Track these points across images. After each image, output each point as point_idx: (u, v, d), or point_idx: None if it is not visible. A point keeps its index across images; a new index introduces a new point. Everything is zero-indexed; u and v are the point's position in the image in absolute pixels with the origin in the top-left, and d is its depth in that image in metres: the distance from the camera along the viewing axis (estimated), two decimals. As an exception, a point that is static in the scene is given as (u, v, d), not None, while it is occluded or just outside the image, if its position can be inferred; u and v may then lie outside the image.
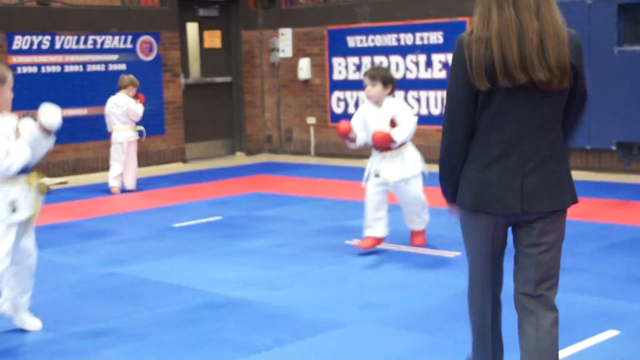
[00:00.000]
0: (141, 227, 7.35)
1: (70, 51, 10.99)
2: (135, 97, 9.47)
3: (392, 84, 5.90)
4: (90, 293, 5.20)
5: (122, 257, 6.07)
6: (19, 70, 10.49)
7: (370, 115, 5.95)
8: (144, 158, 11.49)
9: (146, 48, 11.74)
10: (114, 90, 10.98)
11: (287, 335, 4.32)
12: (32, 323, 4.57)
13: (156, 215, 7.91)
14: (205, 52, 12.75)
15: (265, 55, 13.01)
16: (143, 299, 5.08)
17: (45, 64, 10.77)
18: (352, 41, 11.89)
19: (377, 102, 5.90)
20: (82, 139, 10.99)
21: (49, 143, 4.35)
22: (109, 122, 9.47)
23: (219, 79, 12.85)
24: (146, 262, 5.99)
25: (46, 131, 4.28)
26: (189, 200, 8.79)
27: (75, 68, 11.05)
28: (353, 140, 5.92)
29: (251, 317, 4.65)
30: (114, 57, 11.42)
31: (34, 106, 10.54)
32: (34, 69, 10.67)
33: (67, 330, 4.55)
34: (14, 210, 4.23)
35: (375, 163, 6.01)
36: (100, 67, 11.30)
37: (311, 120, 12.50)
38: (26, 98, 10.39)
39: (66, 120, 10.88)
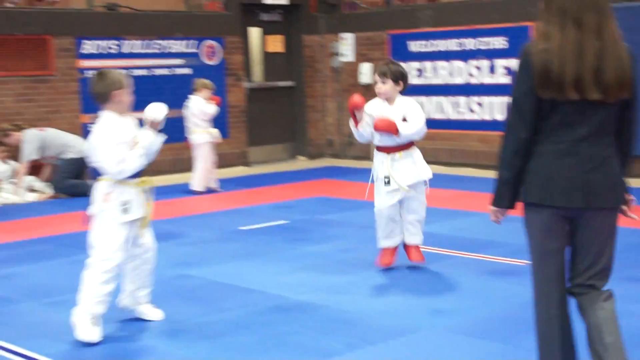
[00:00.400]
0: (208, 229, 7.45)
1: (137, 55, 11.19)
2: (210, 99, 9.61)
3: (403, 81, 5.55)
4: (163, 294, 5.27)
5: (192, 259, 6.16)
6: (86, 74, 10.71)
7: (381, 111, 5.57)
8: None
9: (210, 52, 11.89)
10: (179, 94, 11.16)
11: (358, 341, 4.34)
12: (154, 313, 4.76)
13: (222, 218, 8.01)
14: (267, 57, 12.85)
15: (327, 60, 13.06)
16: (213, 301, 5.15)
17: (113, 68, 10.96)
18: (414, 46, 11.87)
19: (389, 100, 5.57)
20: (148, 141, 11.16)
21: (159, 142, 4.58)
22: (186, 125, 9.65)
23: (281, 83, 12.94)
24: (215, 264, 6.07)
25: (153, 126, 4.58)
26: (253, 203, 8.87)
27: (142, 72, 11.24)
28: (358, 119, 5.47)
29: (321, 321, 4.68)
30: (179, 61, 11.59)
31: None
32: (103, 73, 10.87)
33: (139, 329, 4.63)
34: (125, 210, 4.43)
35: (382, 167, 5.58)
36: (165, 71, 11.47)
37: (373, 124, 12.48)
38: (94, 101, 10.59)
39: (132, 123, 11.08)
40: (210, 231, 7.36)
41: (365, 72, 12.38)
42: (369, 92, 12.51)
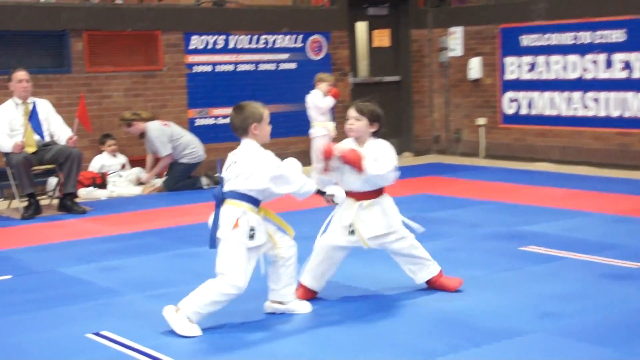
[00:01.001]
0: (308, 224, 7.44)
1: (243, 50, 11.36)
2: (328, 92, 9.64)
3: (379, 124, 5.10)
4: (262, 290, 5.32)
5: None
6: (194, 69, 10.94)
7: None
8: (309, 158, 11.65)
9: (316, 47, 11.95)
10: (284, 90, 11.29)
11: (462, 342, 4.27)
12: (303, 307, 4.86)
13: (326, 214, 7.99)
14: (374, 51, 12.82)
15: (435, 54, 12.93)
16: (315, 297, 5.15)
17: (220, 63, 11.18)
18: (526, 40, 11.61)
19: (359, 139, 5.06)
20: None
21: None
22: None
23: (387, 78, 12.90)
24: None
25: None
26: (356, 200, 8.85)
27: (248, 67, 11.40)
28: (329, 168, 5.02)
29: (424, 321, 4.63)
30: (285, 56, 11.69)
31: (209, 104, 11.04)
32: (209, 68, 11.10)
33: (238, 323, 4.68)
34: (252, 236, 4.54)
35: (348, 214, 4.99)
36: (271, 66, 11.60)
37: (481, 121, 12.31)
38: (201, 96, 10.86)
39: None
40: (311, 227, 7.35)
41: (475, 67, 12.20)
42: (477, 87, 12.35)
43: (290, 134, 11.59)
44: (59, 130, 8.81)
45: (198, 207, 8.56)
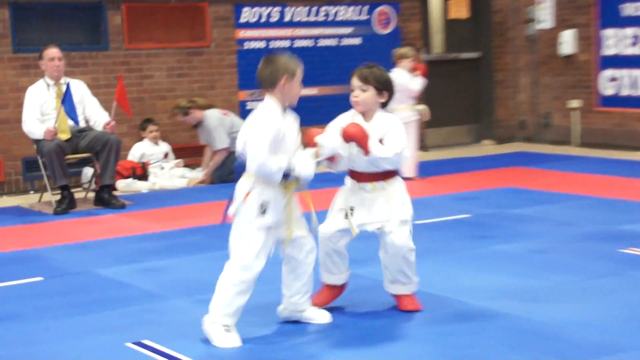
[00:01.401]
0: (377, 222, 7.45)
1: (301, 24, 11.38)
2: (414, 69, 9.59)
3: (388, 92, 4.92)
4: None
5: (360, 255, 6.18)
6: (246, 45, 11.01)
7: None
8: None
9: (383, 20, 11.92)
10: (345, 67, 11.16)
11: (553, 357, 4.21)
12: (321, 316, 4.86)
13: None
14: (449, 24, 12.74)
15: (520, 27, 12.79)
16: (382, 304, 5.14)
17: (274, 39, 11.22)
18: (630, 9, 11.40)
19: (365, 114, 4.91)
20: (312, 122, 11.31)
21: (310, 173, 4.61)
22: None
23: (464, 55, 12.81)
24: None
25: (315, 154, 4.63)
26: (431, 194, 8.83)
27: (306, 43, 11.43)
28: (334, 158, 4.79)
29: (508, 332, 4.58)
30: (348, 30, 11.69)
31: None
32: (262, 44, 11.15)
33: (294, 332, 4.70)
34: (263, 212, 4.51)
35: (348, 197, 4.94)
36: (332, 42, 11.61)
37: (574, 103, 12.14)
38: (253, 76, 10.85)
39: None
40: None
41: (567, 41, 12.05)
42: (570, 64, 12.17)
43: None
44: (95, 114, 8.94)
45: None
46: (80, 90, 8.94)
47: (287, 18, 11.30)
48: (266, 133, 4.44)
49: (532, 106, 12.84)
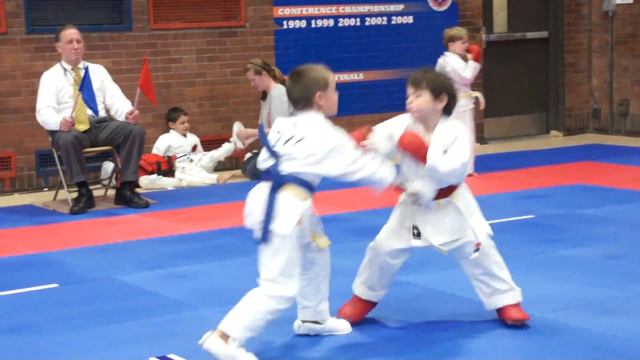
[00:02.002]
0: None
1: (346, 0, 11.39)
2: (466, 52, 9.59)
3: (449, 97, 4.85)
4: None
5: (411, 261, 6.21)
6: (284, 24, 11.04)
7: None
8: (432, 136, 11.64)
9: (439, -5, 11.90)
10: (395, 50, 11.27)
11: (627, 377, 4.21)
12: (342, 326, 4.94)
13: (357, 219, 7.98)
14: (514, 0, 12.67)
15: (596, 3, 12.70)
16: (434, 314, 5.16)
17: (316, 17, 11.24)
18: None
19: (425, 122, 4.85)
20: (357, 110, 11.36)
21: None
22: None
23: (530, 34, 12.76)
24: (438, 269, 6.07)
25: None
26: (489, 192, 8.80)
27: (351, 22, 11.44)
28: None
29: (578, 348, 4.57)
30: (399, 7, 11.69)
31: (301, 69, 11.09)
32: (303, 23, 11.18)
33: (335, 345, 4.73)
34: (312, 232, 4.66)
35: (409, 213, 4.94)
36: (381, 21, 11.62)
37: (656, 89, 12.05)
38: (293, 59, 10.93)
39: (339, 86, 11.29)
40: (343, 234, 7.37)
41: (647, 19, 11.92)
42: (651, 45, 12.07)
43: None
44: (116, 102, 9.02)
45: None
46: (100, 75, 9.02)
47: (330, -6, 11.33)
48: (343, 137, 4.57)
49: (608, 92, 12.74)
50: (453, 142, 4.76)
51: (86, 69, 8.67)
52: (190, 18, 10.72)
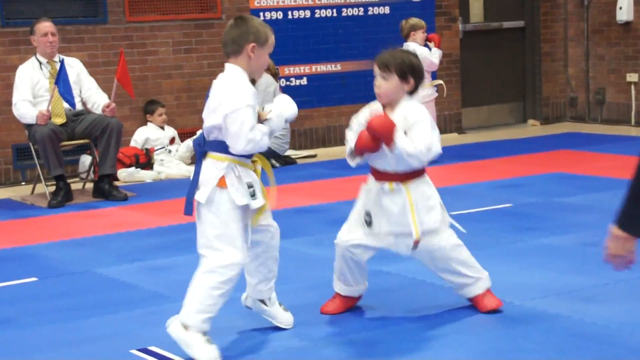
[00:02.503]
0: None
1: (322, -9, 11.38)
2: (427, 40, 9.67)
3: (415, 78, 4.81)
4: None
5: (389, 251, 6.24)
6: (261, 15, 11.02)
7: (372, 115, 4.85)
8: (410, 126, 11.68)
9: (415, -15, 11.91)
10: (372, 41, 11.27)
11: (606, 364, 4.24)
12: (284, 318, 4.87)
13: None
14: (490, -11, 12.72)
15: (571, -9, 12.74)
16: (413, 303, 5.18)
17: (293, 8, 11.23)
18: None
19: (389, 104, 4.83)
20: (335, 101, 11.35)
21: (281, 124, 4.63)
22: None
23: (507, 24, 12.79)
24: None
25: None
26: (467, 181, 8.84)
27: (328, 12, 11.43)
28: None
29: (557, 335, 4.60)
30: (375, -3, 11.68)
31: (279, 61, 11.10)
32: (279, 15, 11.17)
33: (317, 336, 4.74)
34: (253, 195, 4.48)
35: (367, 198, 4.91)
36: (357, 11, 11.61)
37: (633, 77, 12.10)
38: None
39: (316, 77, 11.41)
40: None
41: (625, 6, 11.97)
42: (628, 33, 12.11)
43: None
44: (93, 95, 9.00)
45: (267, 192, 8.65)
46: (76, 69, 8.99)
47: (306, -15, 11.32)
48: (247, 103, 4.35)
49: (584, 81, 12.78)
50: (414, 124, 4.74)
51: (62, 62, 8.64)
52: (166, 10, 10.69)
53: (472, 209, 7.58)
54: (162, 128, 10.46)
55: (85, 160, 9.74)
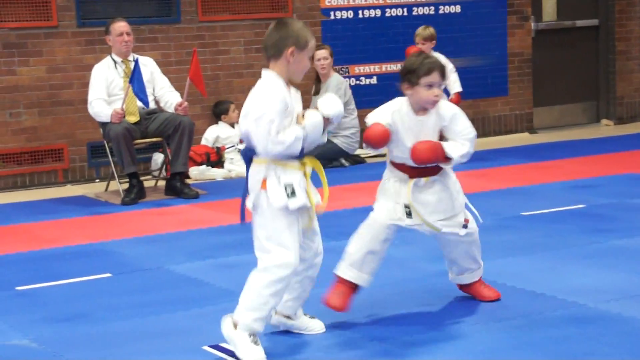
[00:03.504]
0: (481, 214, 7.42)
1: (393, -10, 11.37)
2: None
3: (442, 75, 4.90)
4: (416, 294, 5.36)
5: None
6: (332, 15, 11.04)
7: (406, 122, 4.90)
8: (480, 126, 11.62)
9: (487, -16, 11.83)
10: (443, 40, 11.20)
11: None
12: (315, 325, 4.82)
13: (499, 200, 7.98)
14: (563, -13, 12.59)
15: (646, -11, 12.57)
16: (484, 306, 5.15)
17: (363, 7, 11.22)
18: None
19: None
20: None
21: (324, 138, 4.60)
22: None
23: (580, 22, 12.64)
24: (489, 259, 6.01)
25: (327, 121, 4.55)
26: (540, 181, 8.76)
27: (399, 12, 11.41)
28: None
29: (631, 338, 4.54)
30: (447, -4, 11.63)
31: (349, 60, 11.12)
32: (350, 14, 11.18)
33: (373, 335, 4.73)
34: (292, 193, 4.43)
35: (401, 191, 4.94)
36: (428, 10, 11.58)
37: None
38: (340, 50, 10.94)
39: (386, 77, 11.38)
40: (484, 217, 7.30)
41: (699, 6, 11.76)
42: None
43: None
44: (166, 94, 9.08)
45: (336, 191, 8.65)
46: (149, 67, 9.07)
47: (377, -16, 11.30)
48: (273, 108, 4.35)
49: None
50: (453, 116, 4.88)
51: (136, 61, 8.72)
52: (238, 10, 10.75)
53: (544, 209, 7.52)
54: (232, 127, 10.52)
55: (158, 158, 9.83)
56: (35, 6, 9.79)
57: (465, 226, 4.99)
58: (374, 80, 11.06)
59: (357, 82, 11.08)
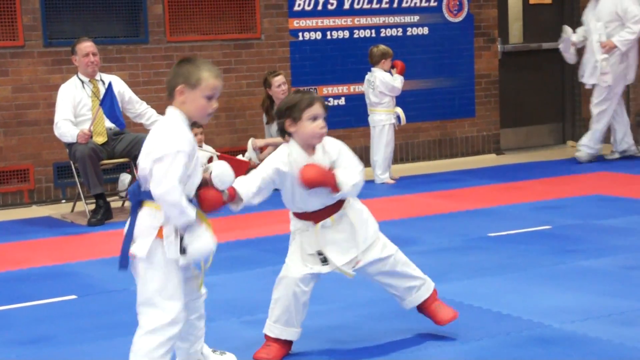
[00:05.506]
0: (447, 235, 7.47)
1: (362, 12, 11.44)
2: (391, 68, 10.20)
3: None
4: (386, 315, 5.35)
5: (428, 272, 6.22)
6: (300, 36, 11.06)
7: (300, 163, 4.68)
8: (447, 147, 11.69)
9: (455, 6, 11.91)
10: (411, 60, 11.29)
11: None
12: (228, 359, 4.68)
13: (466, 221, 8.00)
14: (530, 10, 12.70)
15: (610, 13, 12.64)
16: (450, 327, 5.15)
17: (332, 29, 11.26)
18: None
19: (309, 145, 4.75)
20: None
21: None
22: (367, 103, 10.40)
23: (547, 45, 12.75)
24: (455, 280, 6.08)
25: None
26: (506, 202, 8.80)
27: (367, 33, 11.47)
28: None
29: (597, 359, 4.56)
30: (415, 18, 11.71)
31: (318, 80, 11.15)
32: (318, 35, 11.21)
33: (354, 356, 4.73)
34: (183, 250, 4.16)
35: (309, 239, 4.78)
36: (396, 32, 11.64)
37: (672, 99, 12.00)
38: (308, 71, 10.97)
39: (354, 97, 11.41)
40: (450, 237, 7.38)
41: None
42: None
43: (421, 118, 11.61)
44: (148, 110, 9.15)
45: (280, 214, 8.65)
46: (117, 87, 9.03)
47: (346, 5, 11.34)
48: (179, 152, 4.09)
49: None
50: (340, 152, 4.77)
51: (109, 84, 8.68)
52: (206, 30, 10.76)
53: (511, 230, 7.54)
54: (200, 147, 10.49)
55: (125, 178, 9.79)
56: (1, 26, 9.75)
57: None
58: (342, 101, 11.08)
59: (326, 102, 11.08)
